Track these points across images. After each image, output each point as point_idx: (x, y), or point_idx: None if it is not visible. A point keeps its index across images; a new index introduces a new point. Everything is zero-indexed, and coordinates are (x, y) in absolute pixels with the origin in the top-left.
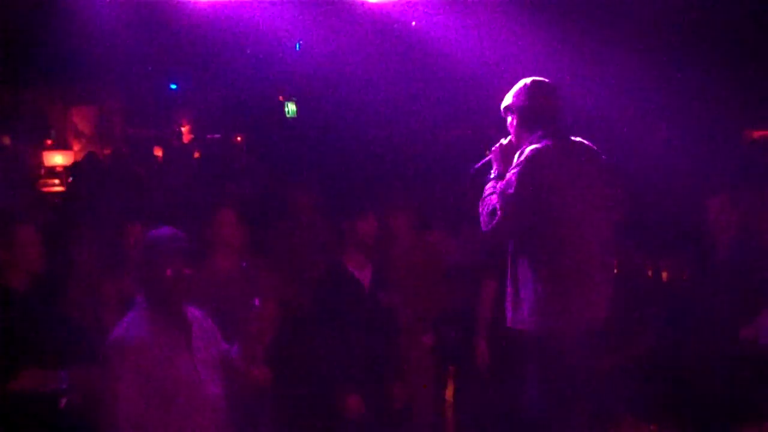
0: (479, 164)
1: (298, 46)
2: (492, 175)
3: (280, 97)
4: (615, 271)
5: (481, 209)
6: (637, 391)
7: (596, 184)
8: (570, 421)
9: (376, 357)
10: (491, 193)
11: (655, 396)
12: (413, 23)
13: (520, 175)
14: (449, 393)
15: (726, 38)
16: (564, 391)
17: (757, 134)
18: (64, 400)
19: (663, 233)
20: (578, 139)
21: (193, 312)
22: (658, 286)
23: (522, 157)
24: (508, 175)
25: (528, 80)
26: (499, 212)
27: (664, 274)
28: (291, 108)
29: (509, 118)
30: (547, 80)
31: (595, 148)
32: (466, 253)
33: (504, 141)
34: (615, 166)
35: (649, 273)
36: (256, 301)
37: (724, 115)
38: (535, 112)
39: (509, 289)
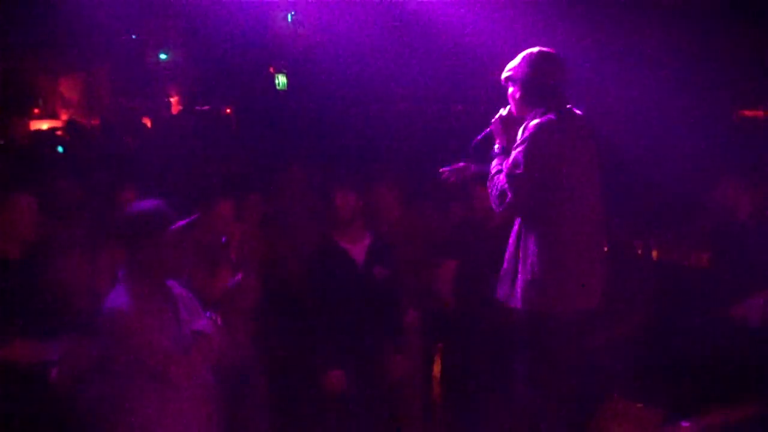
0: (479, 137)
1: (290, 17)
2: (495, 150)
3: (271, 69)
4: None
5: (489, 189)
6: (624, 370)
7: (594, 160)
8: (558, 399)
9: (371, 331)
10: (498, 171)
11: (642, 374)
12: None
13: (527, 152)
14: (437, 369)
15: (719, 16)
16: (553, 370)
17: (748, 113)
18: (54, 372)
19: (653, 211)
20: (578, 112)
21: (178, 288)
22: (648, 265)
23: (526, 134)
24: (513, 153)
25: (534, 50)
26: (509, 193)
27: (654, 253)
28: (281, 80)
29: (510, 89)
30: (553, 51)
31: (590, 122)
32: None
33: (503, 112)
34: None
35: (639, 251)
36: (239, 276)
37: (715, 94)
38: (539, 85)
39: (507, 266)
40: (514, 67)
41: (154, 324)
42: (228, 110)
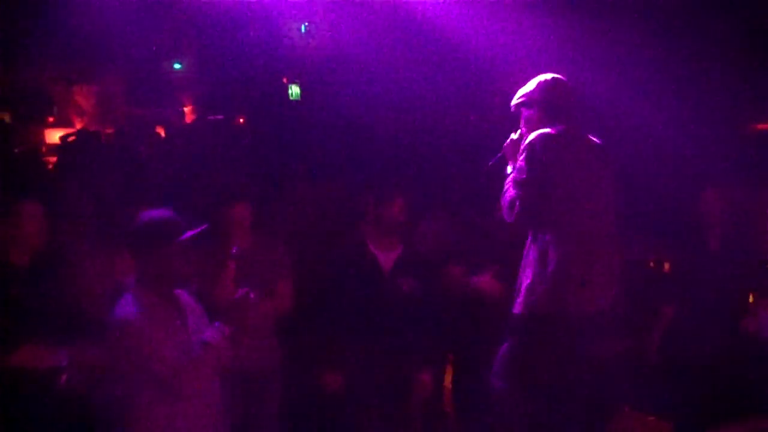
0: (493, 160)
1: (303, 28)
2: (508, 172)
3: (284, 79)
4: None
5: (502, 203)
6: (635, 382)
7: (603, 180)
8: (560, 409)
9: (393, 344)
10: (510, 188)
11: (653, 387)
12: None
13: (528, 158)
14: (448, 380)
15: (729, 29)
16: (529, 369)
17: (760, 127)
18: (63, 378)
19: (665, 225)
20: (593, 138)
21: (187, 298)
22: (660, 278)
23: (527, 142)
24: (518, 163)
25: (548, 77)
26: (517, 201)
27: (666, 266)
28: (295, 90)
29: (525, 113)
30: (564, 78)
31: (600, 143)
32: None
33: (515, 136)
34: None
35: (651, 264)
36: (245, 289)
37: (725, 107)
38: (555, 109)
39: (520, 273)
40: (529, 93)
41: (162, 334)
42: (241, 120)
